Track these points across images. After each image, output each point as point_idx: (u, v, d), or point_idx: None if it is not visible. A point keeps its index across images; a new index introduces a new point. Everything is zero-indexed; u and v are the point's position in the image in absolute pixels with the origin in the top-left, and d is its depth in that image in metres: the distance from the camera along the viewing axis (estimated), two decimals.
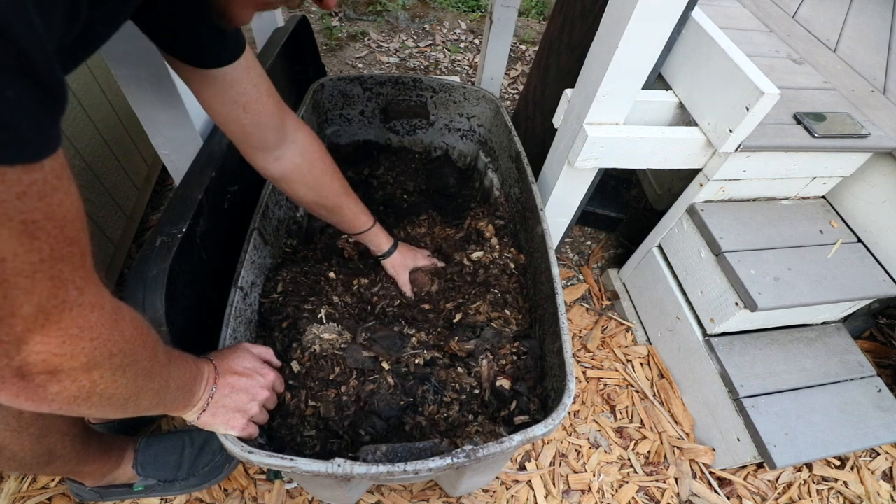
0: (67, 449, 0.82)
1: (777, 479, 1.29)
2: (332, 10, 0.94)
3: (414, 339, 0.97)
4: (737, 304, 1.16)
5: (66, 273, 0.38)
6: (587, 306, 1.60)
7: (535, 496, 1.19)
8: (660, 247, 1.43)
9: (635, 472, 1.27)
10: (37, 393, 0.41)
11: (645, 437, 1.33)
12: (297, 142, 0.83)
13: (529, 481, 1.22)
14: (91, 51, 0.52)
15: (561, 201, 1.26)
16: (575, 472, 1.25)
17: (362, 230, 1.01)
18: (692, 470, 1.28)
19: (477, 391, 0.91)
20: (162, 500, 1.08)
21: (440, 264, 1.14)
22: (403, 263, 1.08)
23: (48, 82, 0.32)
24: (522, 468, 1.24)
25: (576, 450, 1.29)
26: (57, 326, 0.39)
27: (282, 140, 0.80)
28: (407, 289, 1.08)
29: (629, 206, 1.78)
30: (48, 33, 0.32)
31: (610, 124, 1.06)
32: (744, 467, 1.29)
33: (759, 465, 1.30)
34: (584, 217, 1.76)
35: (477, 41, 2.78)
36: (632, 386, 1.43)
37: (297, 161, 0.83)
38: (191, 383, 0.64)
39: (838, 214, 1.32)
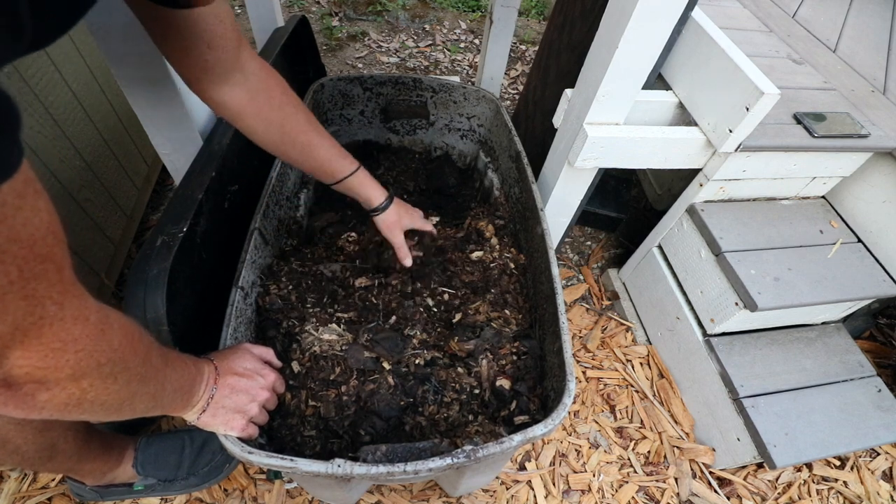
0: (69, 444, 0.83)
1: (777, 479, 1.29)
2: None
3: (415, 340, 0.97)
4: (737, 304, 1.16)
5: (40, 290, 0.37)
6: (587, 306, 1.60)
7: (535, 496, 1.19)
8: (660, 247, 1.43)
9: (635, 472, 1.27)
10: (25, 401, 0.41)
11: (645, 437, 1.33)
12: (253, 71, 0.75)
13: (529, 481, 1.22)
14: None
15: (561, 201, 1.26)
16: (575, 472, 1.25)
17: (344, 175, 0.90)
18: (692, 470, 1.28)
19: (477, 391, 0.91)
20: (162, 499, 1.08)
21: (432, 229, 1.07)
22: (399, 222, 0.98)
23: None
24: (522, 468, 1.24)
25: (576, 450, 1.29)
26: (37, 342, 0.38)
27: (237, 69, 0.73)
28: (404, 253, 0.99)
29: (629, 206, 1.79)
30: None
31: (610, 124, 1.06)
32: (744, 467, 1.29)
33: (759, 465, 1.30)
34: (584, 217, 1.76)
35: (477, 41, 2.78)
36: (632, 386, 1.43)
37: (252, 89, 0.76)
38: (189, 384, 0.64)
39: (838, 214, 1.32)
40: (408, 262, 1.01)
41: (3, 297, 0.34)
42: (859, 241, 1.27)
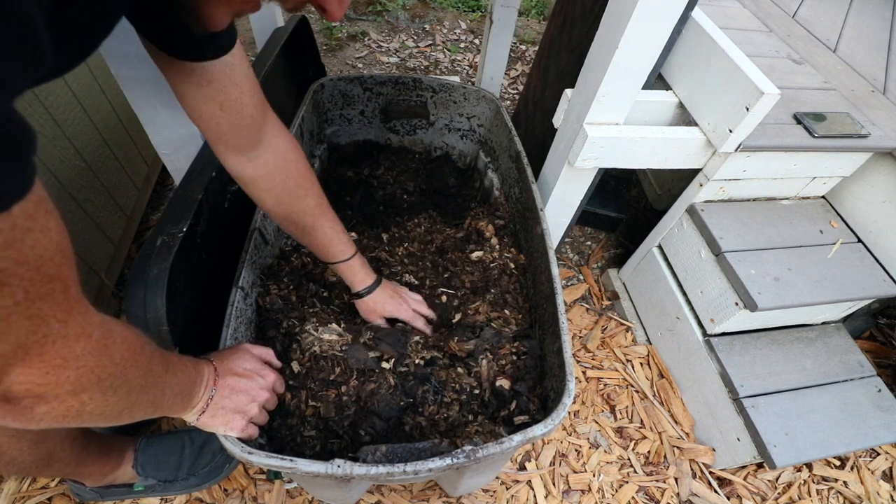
0: (67, 452, 0.82)
1: (777, 479, 1.29)
2: (338, 22, 0.83)
3: (414, 340, 0.97)
4: (737, 304, 1.16)
5: (45, 310, 0.37)
6: (587, 306, 1.60)
7: (535, 496, 1.19)
8: (660, 247, 1.43)
9: (635, 472, 1.27)
10: (24, 414, 0.41)
11: (645, 437, 1.33)
12: (275, 147, 0.77)
13: (529, 481, 1.22)
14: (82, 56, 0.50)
15: (561, 201, 1.26)
16: (575, 472, 1.25)
17: (337, 260, 0.91)
18: (692, 470, 1.28)
19: (477, 391, 0.91)
20: (162, 500, 1.08)
21: (430, 314, 1.02)
22: (376, 311, 0.96)
23: (5, 132, 0.30)
24: (522, 468, 1.24)
25: (576, 450, 1.29)
26: (39, 359, 0.38)
27: (257, 143, 0.75)
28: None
29: (629, 206, 1.78)
30: (6, 84, 0.30)
31: (610, 124, 1.06)
32: (744, 467, 1.29)
33: (759, 465, 1.30)
34: (584, 217, 1.76)
35: (477, 41, 2.78)
36: (632, 386, 1.43)
37: (269, 168, 0.77)
38: (189, 387, 0.64)
39: (838, 214, 1.32)
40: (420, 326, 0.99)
41: (8, 317, 0.34)
42: (859, 241, 1.27)
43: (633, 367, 1.46)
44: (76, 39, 0.45)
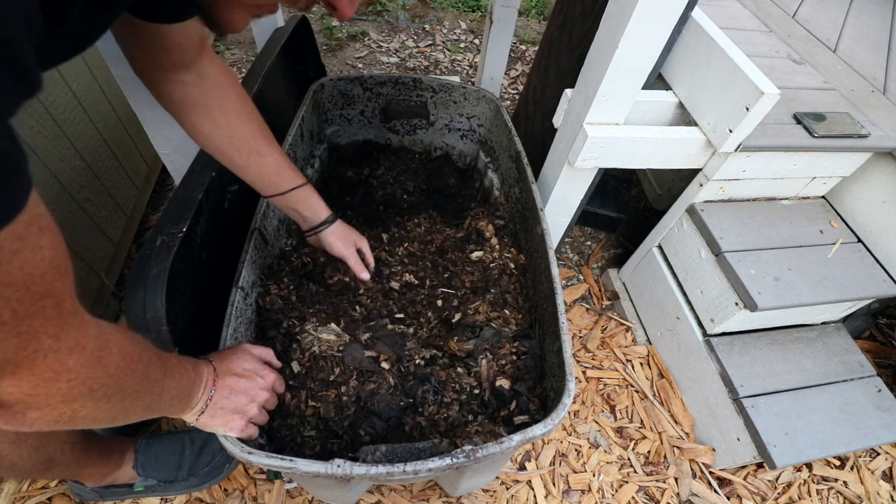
0: (67, 456, 0.82)
1: (777, 479, 1.29)
2: (347, 20, 0.81)
3: (413, 340, 0.97)
4: (737, 304, 1.16)
5: (35, 326, 0.36)
6: (587, 306, 1.60)
7: (535, 496, 1.19)
8: (660, 247, 1.43)
9: (635, 471, 1.27)
10: (15, 418, 0.41)
11: (645, 437, 1.33)
12: (210, 76, 0.73)
13: (529, 481, 1.22)
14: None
15: (561, 201, 1.26)
16: (575, 472, 1.25)
17: (289, 188, 0.85)
18: (692, 470, 1.28)
19: (477, 391, 0.91)
20: (162, 500, 1.08)
21: (371, 261, 1.01)
22: (348, 236, 0.93)
23: None
24: (522, 468, 1.24)
25: (576, 450, 1.29)
26: (29, 373, 0.38)
27: (191, 64, 0.70)
28: (360, 267, 0.94)
29: (629, 206, 1.78)
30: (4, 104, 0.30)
31: (610, 124, 1.06)
32: (744, 467, 1.29)
33: (759, 465, 1.30)
34: (584, 217, 1.76)
35: (477, 41, 2.78)
36: (632, 386, 1.43)
37: (204, 89, 0.73)
38: (188, 389, 0.64)
39: (838, 214, 1.32)
40: (365, 275, 0.96)
41: None
42: (859, 241, 1.27)
43: (633, 367, 1.46)
44: (71, 44, 0.45)
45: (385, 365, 0.91)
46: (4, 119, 0.29)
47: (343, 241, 0.94)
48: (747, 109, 0.99)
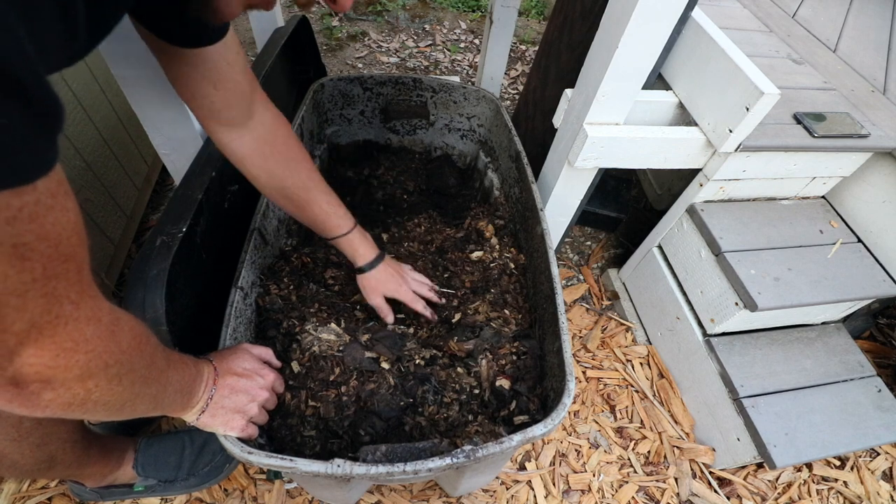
0: (68, 455, 0.82)
1: (777, 479, 1.29)
2: (346, 11, 0.85)
3: (413, 340, 0.97)
4: (737, 304, 1.16)
5: (60, 289, 0.38)
6: (587, 306, 1.60)
7: (535, 496, 1.19)
8: (660, 247, 1.43)
9: (635, 471, 1.27)
10: (30, 399, 0.42)
11: (645, 437, 1.33)
12: (264, 122, 0.78)
13: (529, 481, 1.22)
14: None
15: (561, 201, 1.26)
16: (575, 472, 1.25)
17: (336, 235, 0.89)
18: (692, 470, 1.28)
19: (477, 391, 0.91)
20: (162, 500, 1.08)
21: (433, 297, 0.98)
22: (378, 288, 0.93)
23: (40, 103, 0.31)
24: (522, 468, 1.24)
25: (576, 450, 1.29)
26: (51, 340, 0.39)
27: (248, 118, 0.76)
28: (384, 313, 0.95)
29: (629, 206, 1.78)
30: (42, 55, 0.31)
31: (610, 124, 1.06)
32: (744, 467, 1.29)
33: (759, 465, 1.30)
34: (584, 217, 1.76)
35: (477, 41, 2.78)
36: (632, 386, 1.43)
37: (260, 142, 0.78)
38: (190, 386, 0.64)
39: (838, 214, 1.32)
40: (389, 318, 0.95)
41: (25, 293, 0.35)
42: (859, 241, 1.27)
43: (633, 367, 1.46)
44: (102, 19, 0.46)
45: (385, 365, 0.91)
46: (50, 71, 0.31)
47: (371, 292, 0.94)
48: (747, 109, 0.99)
